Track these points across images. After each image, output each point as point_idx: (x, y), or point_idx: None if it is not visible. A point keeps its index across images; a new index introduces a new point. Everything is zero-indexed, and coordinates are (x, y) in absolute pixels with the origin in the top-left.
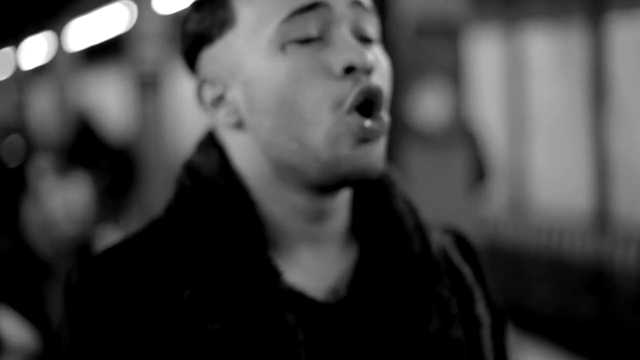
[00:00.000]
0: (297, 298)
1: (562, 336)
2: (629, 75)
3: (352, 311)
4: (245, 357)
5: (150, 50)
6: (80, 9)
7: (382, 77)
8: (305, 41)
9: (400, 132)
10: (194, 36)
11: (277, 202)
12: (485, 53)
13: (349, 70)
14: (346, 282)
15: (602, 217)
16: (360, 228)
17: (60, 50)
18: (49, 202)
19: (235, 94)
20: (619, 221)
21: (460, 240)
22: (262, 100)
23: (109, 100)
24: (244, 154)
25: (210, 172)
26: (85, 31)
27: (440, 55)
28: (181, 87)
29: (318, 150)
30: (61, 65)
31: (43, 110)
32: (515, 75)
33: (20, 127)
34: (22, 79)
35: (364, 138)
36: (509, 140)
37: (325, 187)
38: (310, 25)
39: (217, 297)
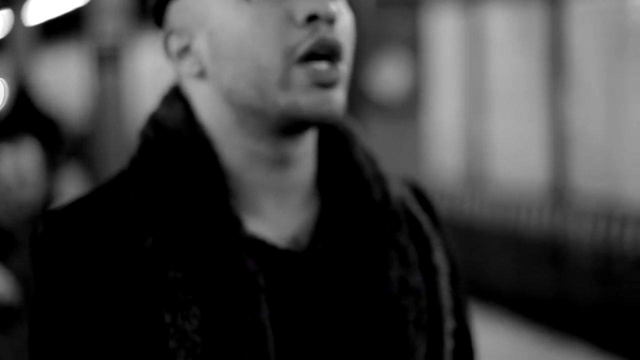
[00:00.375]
0: (259, 245)
1: (519, 310)
2: (587, 48)
3: (313, 258)
4: (206, 303)
5: (110, 24)
6: None
7: (342, 31)
8: None
9: (359, 101)
10: None
11: (239, 151)
12: (445, 26)
13: (311, 19)
14: (308, 231)
15: (558, 191)
16: (323, 179)
17: (17, 24)
18: (0, 169)
19: (200, 44)
20: (576, 194)
21: (419, 192)
22: (225, 47)
23: (69, 75)
24: (208, 104)
25: (173, 124)
26: (43, 5)
27: (400, 27)
28: (141, 61)
29: (275, 95)
30: (18, 40)
31: None
32: (475, 47)
33: None
34: None
35: (319, 83)
36: (467, 113)
37: (287, 131)
38: None
39: (179, 245)
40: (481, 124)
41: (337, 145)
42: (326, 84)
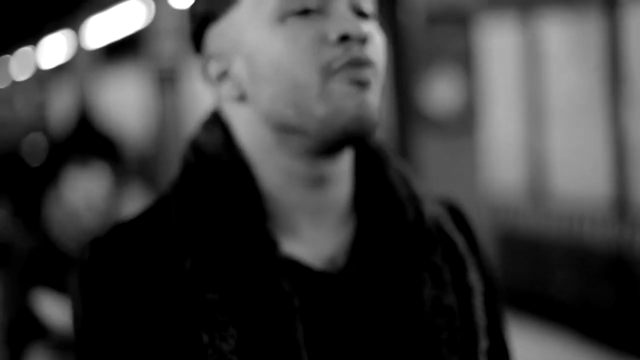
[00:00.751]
0: (294, 267)
1: (583, 324)
2: None
3: (348, 279)
4: (243, 324)
5: (167, 46)
6: (98, 6)
7: (375, 50)
8: (304, 12)
9: (412, 119)
10: (201, 17)
11: (277, 172)
12: (500, 40)
13: (344, 39)
14: (344, 251)
15: (621, 203)
16: (359, 200)
17: (79, 48)
18: (70, 194)
19: (238, 68)
20: (639, 207)
21: (455, 212)
22: (262, 70)
23: (128, 97)
24: (247, 126)
25: (213, 149)
26: (103, 28)
27: (452, 43)
28: (199, 81)
29: (313, 108)
30: (80, 63)
31: (63, 109)
32: (532, 61)
33: (41, 126)
34: (42, 78)
35: (356, 82)
36: (526, 128)
37: (326, 147)
38: (309, 2)
39: (217, 267)
40: (541, 138)
41: (371, 166)
42: (363, 84)
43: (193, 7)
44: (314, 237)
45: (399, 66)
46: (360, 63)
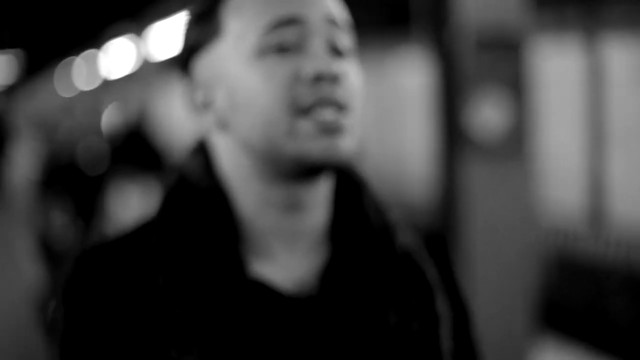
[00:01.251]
0: (262, 288)
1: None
2: None
3: (316, 303)
4: (207, 340)
5: None
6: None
7: (348, 89)
8: (282, 50)
9: (460, 144)
10: (189, 46)
11: (253, 197)
12: (559, 64)
13: (316, 79)
14: (316, 277)
15: None
16: (335, 227)
17: (144, 59)
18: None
19: (221, 98)
20: None
21: (434, 241)
22: (240, 102)
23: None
24: (227, 154)
25: (194, 175)
26: (168, 39)
27: (501, 67)
28: None
29: (283, 145)
30: (143, 74)
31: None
32: (593, 85)
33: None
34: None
35: (324, 129)
36: (586, 152)
37: (298, 177)
38: (287, 38)
39: (187, 285)
40: (601, 162)
41: (350, 194)
42: (332, 130)
43: (182, 38)
44: (287, 261)
45: (446, 91)
46: (330, 103)
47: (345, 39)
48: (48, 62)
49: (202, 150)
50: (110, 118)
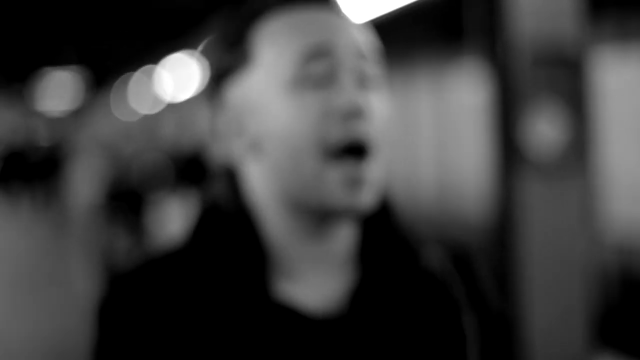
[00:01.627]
0: (288, 311)
1: None
2: None
3: (345, 325)
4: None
5: None
6: None
7: (373, 123)
8: (314, 83)
9: (516, 161)
10: (221, 71)
11: (281, 224)
12: (622, 78)
13: (345, 115)
14: (343, 298)
15: None
16: (363, 249)
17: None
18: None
19: (251, 127)
20: None
21: (460, 259)
22: (273, 134)
23: None
24: (256, 180)
25: (222, 200)
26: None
27: (557, 82)
28: None
29: (311, 186)
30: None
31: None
32: None
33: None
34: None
35: (349, 180)
36: None
37: (324, 216)
38: (319, 72)
39: (214, 308)
40: None
41: (378, 216)
42: (357, 184)
43: (214, 61)
44: (315, 282)
45: (502, 107)
46: (358, 146)
47: (374, 70)
48: (111, 80)
49: (228, 176)
50: (172, 140)
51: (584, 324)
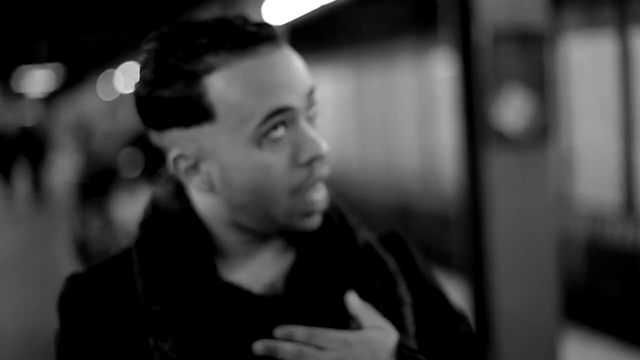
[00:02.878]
0: (233, 289)
1: None
2: None
3: (283, 301)
4: (180, 329)
5: None
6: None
7: (326, 157)
8: (274, 139)
9: (484, 136)
10: (167, 113)
11: (229, 236)
12: (586, 55)
13: (309, 163)
14: (283, 278)
15: None
16: (302, 236)
17: None
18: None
19: (210, 169)
20: None
21: (393, 236)
22: (238, 182)
23: None
24: (208, 205)
25: (165, 202)
26: None
27: (522, 61)
28: None
29: (277, 219)
30: None
31: None
32: (625, 75)
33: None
34: None
35: (314, 209)
36: (617, 142)
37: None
38: (280, 126)
39: (162, 286)
40: (634, 151)
41: None
42: (320, 209)
43: (151, 92)
44: (256, 269)
45: (469, 85)
46: (320, 181)
47: (315, 103)
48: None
49: (172, 180)
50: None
51: (553, 297)
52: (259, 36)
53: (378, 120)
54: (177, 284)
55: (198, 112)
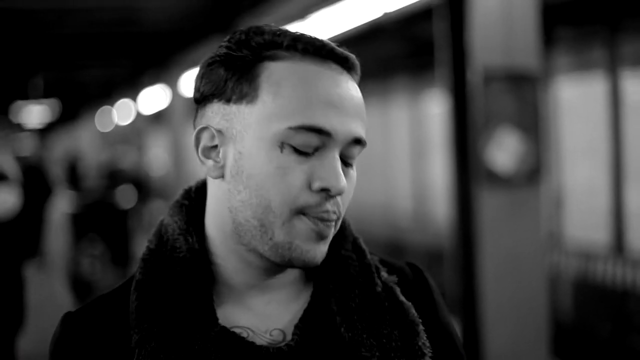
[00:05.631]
0: (237, 342)
1: None
2: None
3: (291, 353)
4: None
5: None
6: (191, 63)
7: (344, 201)
8: (301, 152)
9: (477, 175)
10: (215, 87)
11: (233, 255)
12: (577, 96)
13: (324, 190)
14: (293, 325)
15: None
16: (316, 275)
17: (174, 98)
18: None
19: (227, 153)
20: None
21: (414, 274)
22: (247, 175)
23: None
24: (216, 205)
25: (173, 235)
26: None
27: (514, 102)
28: None
29: (274, 232)
30: (175, 112)
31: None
32: (613, 116)
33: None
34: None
35: (314, 237)
36: (608, 180)
37: (269, 262)
38: (310, 143)
39: (159, 343)
40: (621, 191)
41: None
42: (320, 239)
43: (209, 71)
44: (266, 311)
45: (462, 124)
46: (329, 219)
47: (359, 152)
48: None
49: (182, 207)
50: (150, 152)
51: (543, 334)
52: (335, 51)
53: (375, 157)
54: (173, 341)
55: (245, 90)
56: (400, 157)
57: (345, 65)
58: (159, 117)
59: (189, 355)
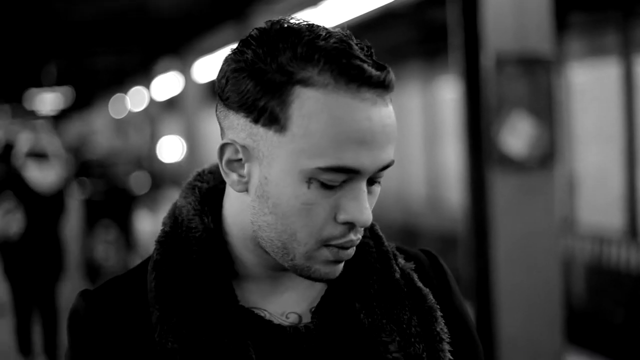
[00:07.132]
0: (256, 320)
1: None
2: None
3: (309, 335)
4: None
5: None
6: (205, 49)
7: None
8: (327, 186)
9: (490, 159)
10: (243, 100)
11: (251, 254)
12: (591, 78)
13: (350, 226)
14: (311, 310)
15: None
16: None
17: (188, 84)
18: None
19: (252, 172)
20: None
21: (429, 260)
22: (273, 203)
23: None
24: (238, 208)
25: (187, 216)
26: (208, 69)
27: (528, 86)
28: None
29: (296, 256)
30: (189, 98)
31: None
32: (628, 100)
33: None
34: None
35: (335, 261)
36: (622, 163)
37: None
38: (338, 179)
39: (179, 319)
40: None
41: None
42: (341, 262)
43: (239, 80)
44: (282, 296)
45: (476, 109)
46: (351, 247)
47: (384, 172)
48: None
49: (194, 190)
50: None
51: (557, 318)
52: (372, 78)
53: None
54: (194, 317)
55: (274, 117)
56: (414, 143)
57: (381, 89)
58: (171, 104)
59: (210, 331)
